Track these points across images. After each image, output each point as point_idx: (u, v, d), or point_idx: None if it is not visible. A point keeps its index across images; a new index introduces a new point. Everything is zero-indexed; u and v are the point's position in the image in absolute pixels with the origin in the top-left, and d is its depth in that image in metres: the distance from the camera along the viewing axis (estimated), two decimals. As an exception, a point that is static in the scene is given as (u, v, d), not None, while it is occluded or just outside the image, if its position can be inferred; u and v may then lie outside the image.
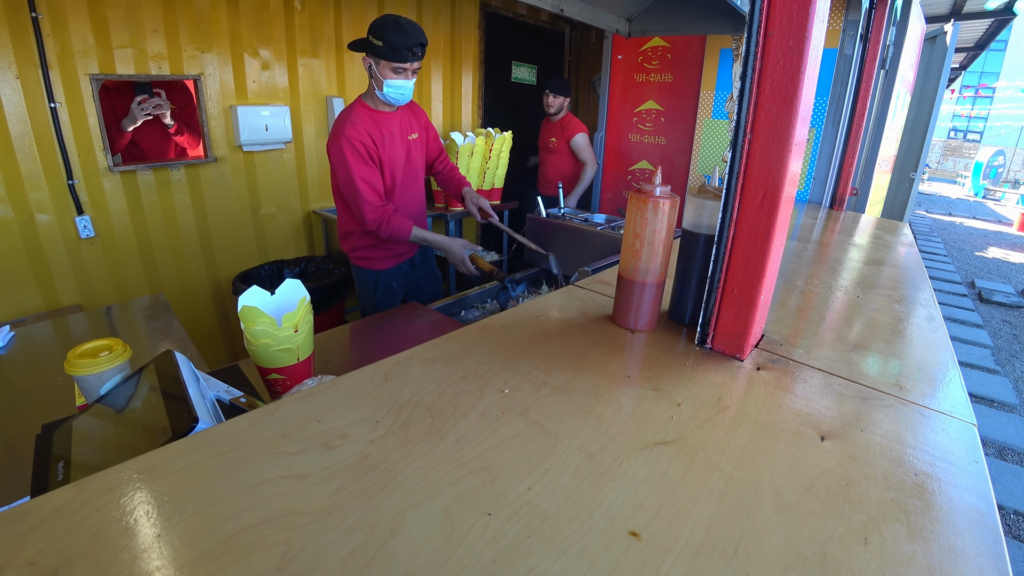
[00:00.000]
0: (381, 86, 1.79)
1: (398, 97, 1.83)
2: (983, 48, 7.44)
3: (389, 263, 2.10)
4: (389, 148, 1.90)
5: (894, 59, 2.85)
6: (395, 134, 1.93)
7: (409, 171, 2.03)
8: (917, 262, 1.67)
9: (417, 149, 2.06)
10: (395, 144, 1.93)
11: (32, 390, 1.32)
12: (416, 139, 2.04)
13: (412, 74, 1.81)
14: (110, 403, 0.86)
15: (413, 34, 1.72)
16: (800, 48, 0.74)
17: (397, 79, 1.78)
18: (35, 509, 0.52)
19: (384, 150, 1.88)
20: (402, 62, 1.74)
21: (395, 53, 1.71)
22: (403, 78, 1.79)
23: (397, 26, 1.70)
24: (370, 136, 1.82)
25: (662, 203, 0.90)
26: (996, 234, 9.33)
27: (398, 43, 1.70)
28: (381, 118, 1.88)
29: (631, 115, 3.81)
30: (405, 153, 1.98)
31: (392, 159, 1.92)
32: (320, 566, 0.46)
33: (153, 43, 2.39)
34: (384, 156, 1.89)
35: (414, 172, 2.07)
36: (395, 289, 2.14)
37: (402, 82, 1.79)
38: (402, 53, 1.72)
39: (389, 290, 2.12)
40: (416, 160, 2.06)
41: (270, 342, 0.99)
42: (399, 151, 1.95)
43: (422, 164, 2.12)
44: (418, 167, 2.09)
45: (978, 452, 0.69)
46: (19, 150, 2.13)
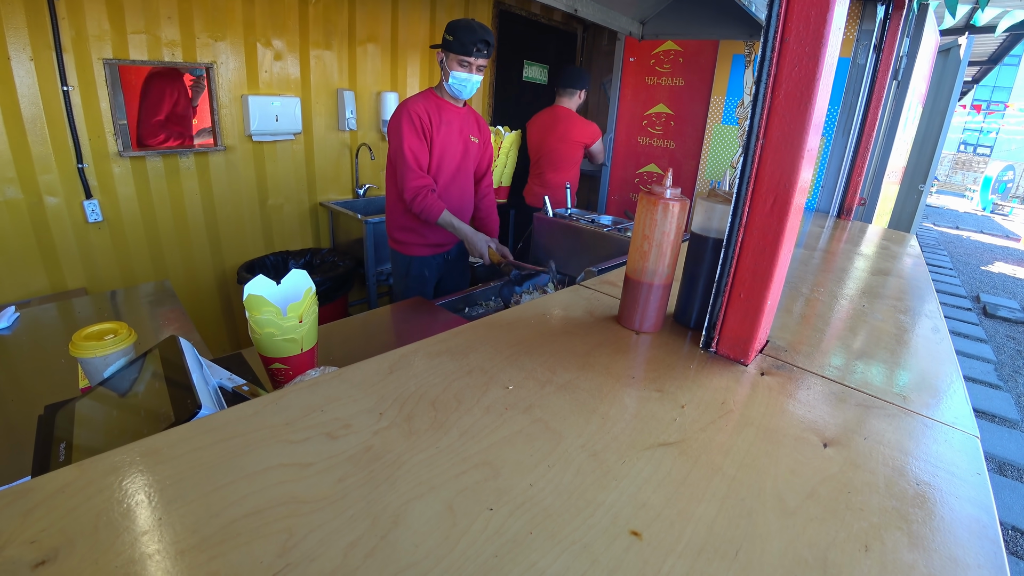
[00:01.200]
0: (447, 77, 1.96)
1: (461, 89, 1.99)
2: (996, 62, 7.40)
3: (423, 251, 2.19)
4: (445, 135, 2.02)
5: (907, 70, 2.84)
6: (454, 126, 2.05)
7: (463, 167, 2.15)
8: (923, 274, 1.67)
9: (474, 152, 2.19)
10: (452, 134, 2.05)
11: (36, 371, 1.33)
12: (475, 143, 2.17)
13: (477, 70, 1.96)
14: (113, 386, 0.86)
15: (480, 32, 1.91)
16: (816, 55, 0.74)
17: (461, 71, 1.95)
18: (38, 488, 0.52)
19: (439, 133, 2.00)
20: (467, 55, 1.91)
21: (462, 47, 1.90)
22: (467, 71, 1.95)
23: (467, 24, 1.91)
24: (428, 115, 1.97)
25: (672, 205, 0.89)
26: (1003, 249, 9.28)
27: (466, 38, 1.89)
28: (445, 106, 2.04)
29: (641, 118, 3.80)
30: (462, 148, 2.11)
31: (445, 146, 2.03)
32: (322, 554, 0.47)
33: (167, 30, 2.40)
34: (437, 139, 2.00)
35: (467, 170, 2.18)
36: (427, 277, 2.23)
37: (466, 75, 1.96)
38: (468, 47, 1.90)
39: (421, 277, 2.22)
40: (470, 160, 2.18)
41: (274, 331, 0.99)
42: (455, 143, 2.07)
43: (476, 165, 2.24)
44: (470, 167, 2.20)
45: (980, 464, 0.69)
46: (30, 132, 2.14)
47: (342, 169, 3.30)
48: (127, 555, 0.45)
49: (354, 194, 3.38)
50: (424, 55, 3.51)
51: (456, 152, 2.09)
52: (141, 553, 0.45)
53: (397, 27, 3.28)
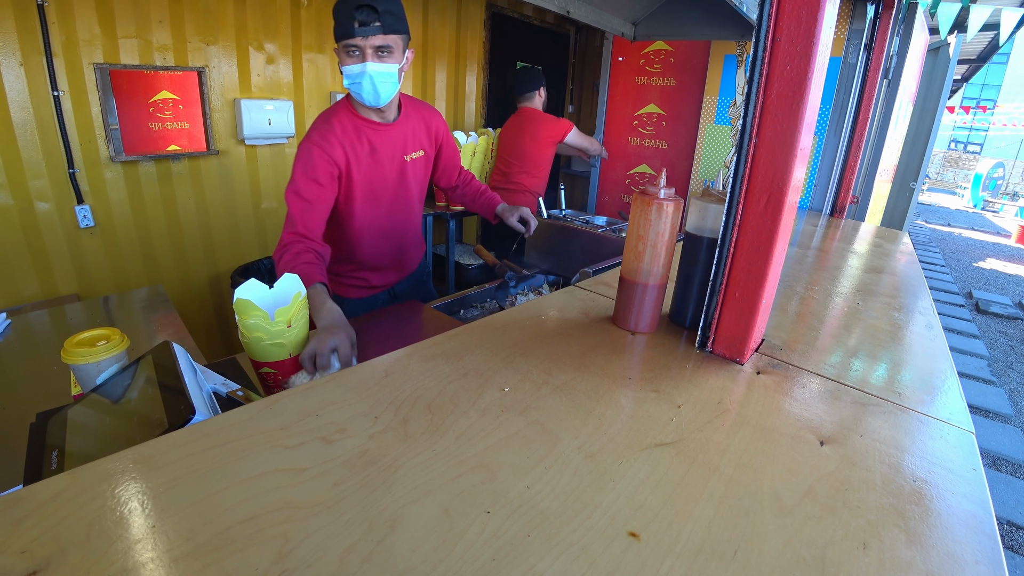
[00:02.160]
0: (343, 79, 1.38)
1: (359, 90, 1.38)
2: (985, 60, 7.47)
3: (357, 292, 1.75)
4: (368, 169, 1.52)
5: (897, 69, 2.86)
6: (382, 151, 1.53)
7: (400, 196, 1.64)
8: (916, 271, 1.68)
9: (417, 171, 1.66)
10: (380, 164, 1.54)
11: (27, 378, 1.32)
12: (418, 159, 1.64)
13: (374, 55, 1.32)
14: (106, 393, 0.85)
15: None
16: (807, 54, 0.75)
17: (351, 63, 1.33)
18: (29, 497, 0.51)
19: (358, 169, 1.50)
20: (348, 37, 1.29)
21: (339, 28, 1.30)
22: (356, 61, 1.32)
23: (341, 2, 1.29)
24: (344, 150, 1.45)
25: (666, 205, 0.89)
26: (994, 246, 9.36)
27: (340, 14, 1.28)
28: (367, 128, 1.49)
29: (631, 118, 3.80)
30: (395, 175, 1.59)
31: (369, 182, 1.54)
32: (318, 560, 0.46)
33: (159, 34, 2.38)
34: (357, 175, 1.50)
35: (407, 199, 1.67)
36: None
37: (357, 67, 1.32)
38: (344, 25, 1.28)
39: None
40: (412, 183, 1.66)
41: (263, 336, 0.99)
42: (386, 172, 1.56)
43: (420, 188, 1.71)
44: (413, 192, 1.68)
45: (976, 460, 0.69)
46: (21, 137, 2.12)
47: (336, 172, 3.28)
48: (120, 564, 0.45)
49: (348, 197, 3.37)
50: (417, 57, 3.51)
51: (387, 183, 1.58)
52: (135, 561, 0.45)
53: (390, 30, 3.27)
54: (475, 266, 3.51)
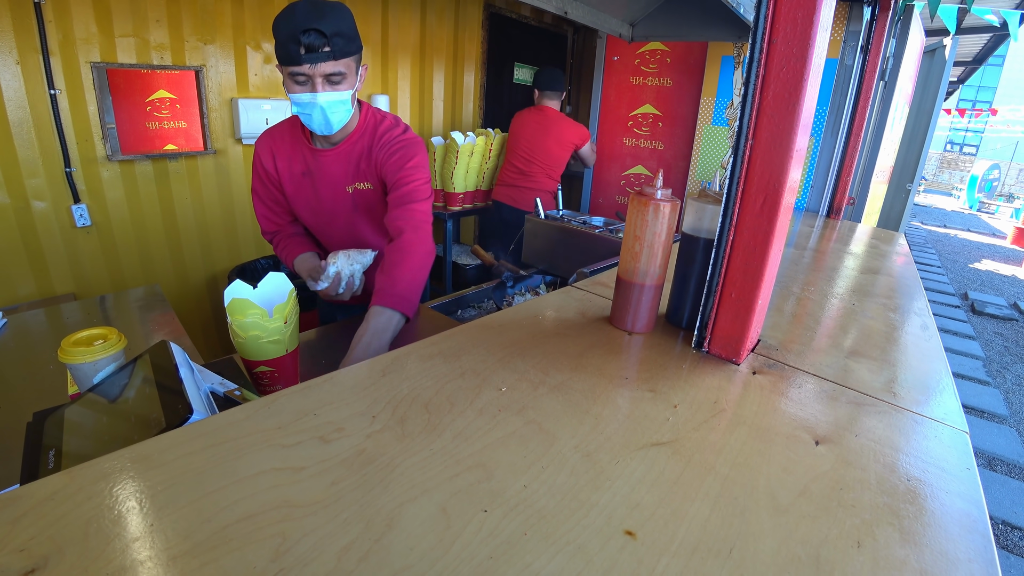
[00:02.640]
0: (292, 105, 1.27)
1: (306, 120, 1.27)
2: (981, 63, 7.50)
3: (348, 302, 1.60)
4: (306, 190, 1.42)
5: (893, 71, 2.87)
6: (320, 177, 1.41)
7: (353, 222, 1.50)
8: (912, 272, 1.69)
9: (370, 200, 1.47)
10: (317, 189, 1.43)
11: (24, 378, 1.31)
12: (368, 191, 1.45)
13: (325, 84, 1.21)
14: (103, 392, 0.85)
15: (302, 17, 1.12)
16: (804, 56, 0.75)
17: (299, 92, 1.21)
18: (26, 495, 0.51)
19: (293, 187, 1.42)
20: (293, 64, 1.17)
21: (282, 50, 1.17)
22: (306, 90, 1.21)
23: (286, 10, 1.15)
24: (273, 160, 1.39)
25: (663, 206, 0.90)
26: (990, 247, 9.40)
27: (282, 35, 1.16)
28: (306, 150, 1.39)
29: (626, 119, 3.77)
30: (340, 203, 1.45)
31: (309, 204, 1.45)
32: (315, 558, 0.46)
33: (156, 33, 2.38)
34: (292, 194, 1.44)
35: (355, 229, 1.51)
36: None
37: (306, 97, 1.21)
38: (289, 49, 1.15)
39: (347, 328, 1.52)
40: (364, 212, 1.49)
41: (260, 334, 0.99)
42: (325, 199, 1.44)
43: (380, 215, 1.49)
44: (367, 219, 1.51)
45: (970, 459, 0.69)
46: (17, 136, 2.12)
47: (333, 172, 3.28)
48: (118, 562, 0.45)
49: (346, 197, 3.37)
50: (415, 58, 3.51)
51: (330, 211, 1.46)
52: (132, 560, 0.45)
53: (387, 30, 3.28)
54: (472, 266, 3.51)
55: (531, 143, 3.19)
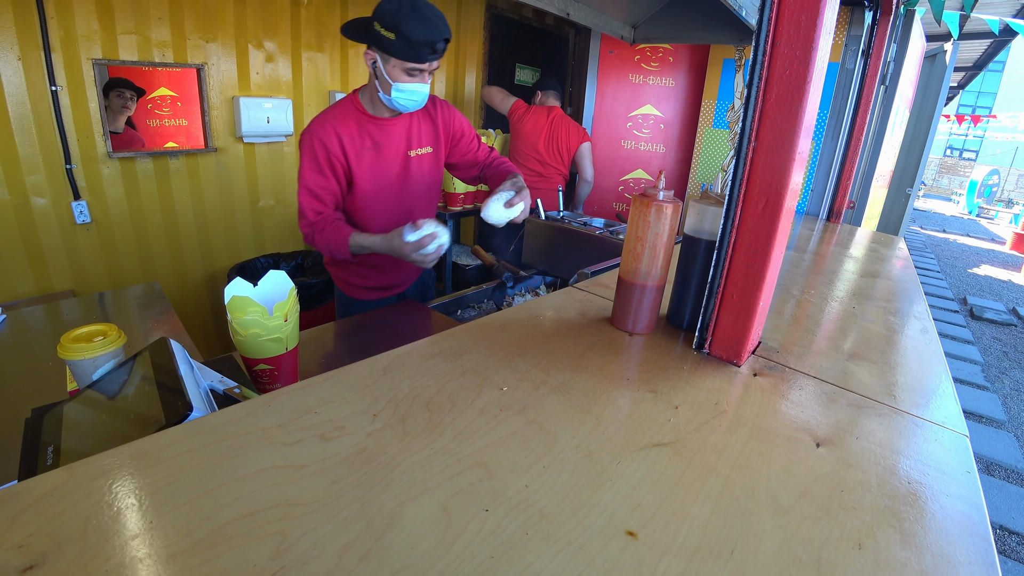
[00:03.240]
0: (388, 89, 1.41)
1: (409, 104, 1.45)
2: (981, 68, 7.53)
3: (370, 295, 1.75)
4: (370, 163, 1.52)
5: (894, 75, 2.88)
6: (386, 147, 1.54)
7: (405, 193, 1.63)
8: (912, 276, 1.69)
9: (424, 167, 1.64)
10: (383, 159, 1.54)
11: (22, 374, 1.31)
12: (425, 155, 1.63)
13: (429, 75, 1.42)
14: (102, 389, 0.85)
15: (437, 25, 1.31)
16: (807, 59, 0.75)
17: (411, 83, 1.38)
18: (25, 492, 0.51)
19: (360, 163, 1.50)
20: (419, 62, 1.35)
21: (412, 50, 1.32)
22: (418, 81, 1.39)
23: (416, 14, 1.28)
24: (340, 142, 1.46)
25: (665, 207, 0.90)
26: (989, 252, 9.42)
27: (417, 36, 1.30)
28: (371, 124, 1.51)
29: (624, 119, 3.60)
30: (400, 170, 1.59)
31: (373, 175, 1.54)
32: (316, 557, 0.46)
33: (158, 30, 2.38)
34: (359, 170, 1.51)
35: (412, 194, 1.65)
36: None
37: (416, 86, 1.40)
38: (421, 51, 1.32)
39: None
40: (418, 179, 1.64)
41: (260, 332, 0.99)
42: (389, 167, 1.57)
43: (428, 186, 1.69)
44: (419, 188, 1.66)
45: (970, 463, 0.69)
46: (18, 132, 2.11)
47: (334, 171, 3.28)
48: (117, 559, 0.44)
49: (346, 196, 3.36)
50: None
51: (391, 178, 1.58)
52: (131, 557, 0.45)
53: (389, 29, 3.28)
54: (472, 266, 3.51)
55: (548, 144, 3.25)
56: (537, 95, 3.31)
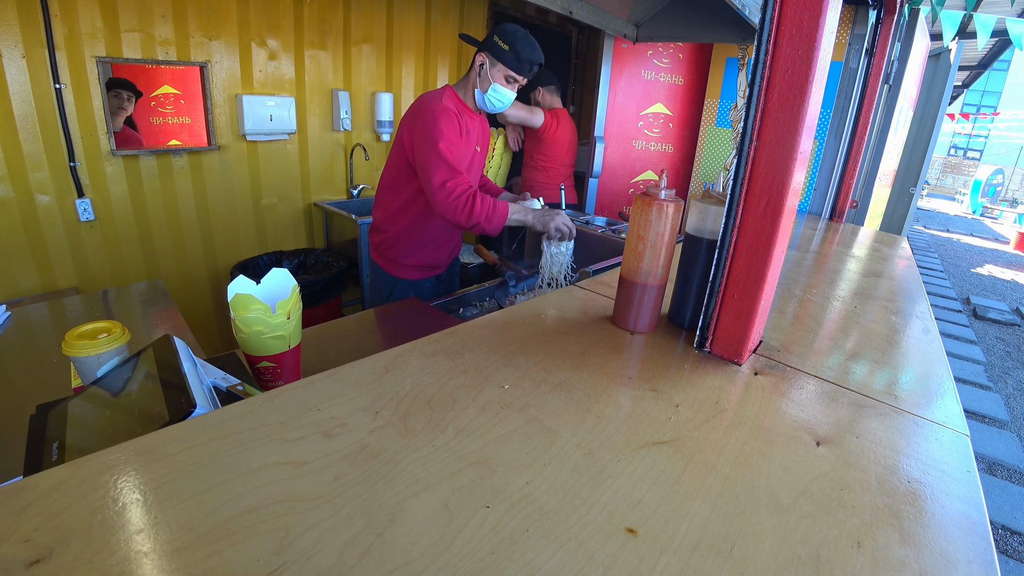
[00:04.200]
0: (486, 88, 1.76)
1: (498, 104, 1.81)
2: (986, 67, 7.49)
3: (414, 273, 1.97)
4: (460, 146, 1.79)
5: (898, 74, 2.87)
6: (468, 136, 1.84)
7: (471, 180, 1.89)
8: (914, 276, 1.68)
9: (478, 163, 1.98)
10: (466, 144, 1.83)
11: (26, 371, 1.32)
12: (481, 154, 1.98)
13: (515, 88, 1.80)
14: (106, 386, 0.85)
15: (540, 52, 1.73)
16: (809, 58, 0.75)
17: (506, 88, 1.77)
18: (31, 486, 0.51)
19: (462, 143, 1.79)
20: (520, 74, 1.73)
21: (518, 63, 1.70)
22: (511, 88, 1.78)
23: (528, 40, 1.70)
24: (457, 117, 1.74)
25: (666, 206, 0.90)
26: (992, 252, 9.38)
27: (524, 55, 1.69)
28: (465, 112, 1.83)
29: (636, 118, 3.51)
30: (470, 161, 1.89)
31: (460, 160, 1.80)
32: (318, 552, 0.47)
33: (161, 28, 2.38)
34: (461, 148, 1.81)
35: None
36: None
37: (508, 92, 1.78)
38: (524, 66, 1.72)
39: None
40: (475, 173, 1.97)
41: (263, 329, 0.99)
42: (466, 155, 1.85)
43: (477, 178, 2.03)
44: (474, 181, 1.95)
45: (970, 462, 0.70)
46: (22, 130, 2.12)
47: (336, 169, 3.29)
48: (122, 553, 0.45)
49: (348, 194, 3.37)
50: (419, 56, 3.51)
51: (465, 164, 1.84)
52: (136, 551, 0.45)
53: (392, 27, 3.28)
54: (474, 265, 3.51)
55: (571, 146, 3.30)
56: (539, 92, 3.23)
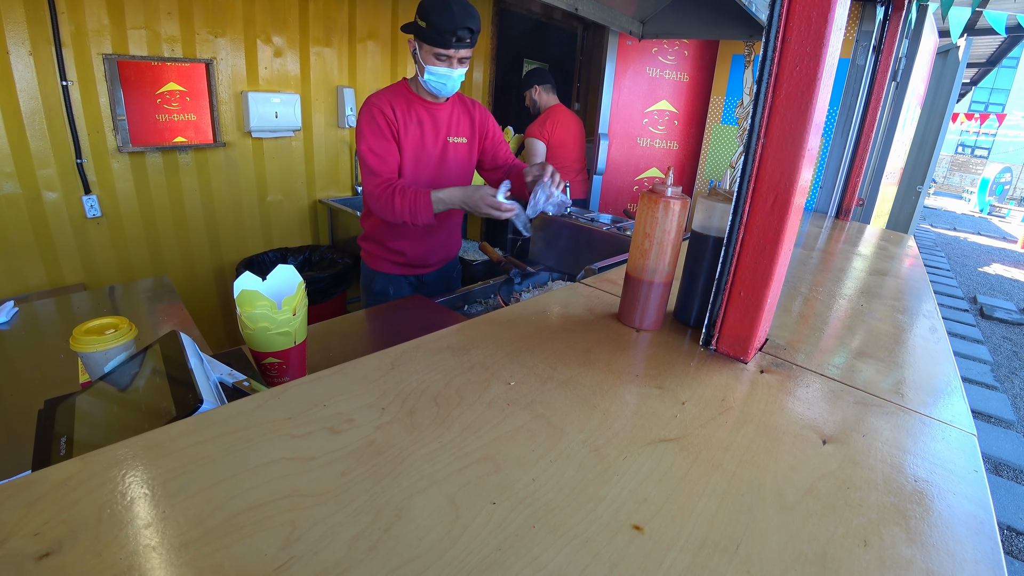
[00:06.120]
0: (422, 72, 1.64)
1: (439, 87, 1.66)
2: (995, 64, 7.43)
3: (390, 268, 1.89)
4: (415, 138, 1.69)
5: (906, 72, 2.85)
6: (428, 126, 1.72)
7: (441, 175, 1.79)
8: (921, 274, 1.68)
9: (459, 155, 1.82)
10: (425, 137, 1.71)
11: (34, 366, 1.33)
12: (462, 144, 1.81)
13: (459, 63, 1.62)
14: (114, 381, 0.86)
15: (460, 16, 1.52)
16: (817, 55, 0.75)
17: (439, 67, 1.60)
18: (40, 481, 0.52)
19: (407, 135, 1.67)
20: (444, 47, 1.56)
21: (437, 36, 1.54)
22: (446, 66, 1.61)
23: (443, 6, 1.51)
24: (392, 109, 1.64)
25: (673, 203, 0.90)
26: (1000, 251, 9.32)
27: (441, 25, 1.52)
28: (417, 102, 1.70)
29: (641, 115, 3.51)
30: (439, 152, 1.76)
31: (417, 152, 1.71)
32: (325, 547, 0.47)
33: (167, 25, 2.39)
34: (406, 142, 1.67)
35: (447, 178, 1.80)
36: (391, 296, 1.92)
37: (445, 71, 1.61)
38: (444, 37, 1.53)
39: (385, 295, 1.92)
40: (453, 165, 1.81)
41: (269, 325, 0.99)
42: (430, 146, 1.73)
43: (462, 171, 1.85)
44: (453, 173, 1.82)
45: (977, 461, 0.69)
46: (29, 127, 2.13)
47: (341, 166, 3.29)
48: (130, 547, 0.45)
49: (353, 191, 3.38)
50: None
51: (430, 159, 1.75)
52: (144, 545, 0.46)
53: (397, 23, 3.28)
54: (479, 262, 3.51)
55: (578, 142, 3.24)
56: (535, 91, 3.16)
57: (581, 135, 3.29)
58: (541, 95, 3.18)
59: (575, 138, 3.24)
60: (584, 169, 3.36)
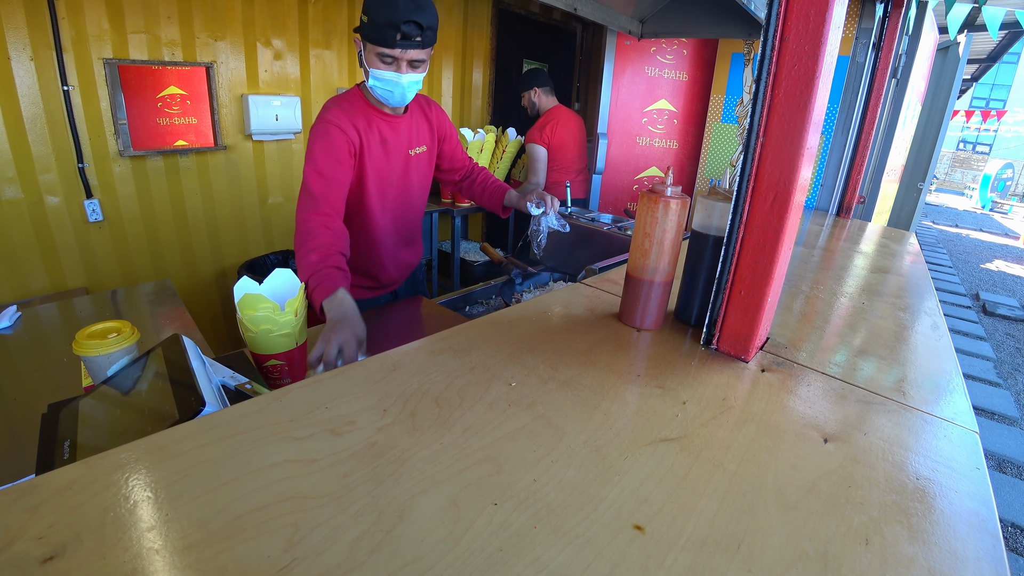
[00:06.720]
0: (367, 76, 1.37)
1: (386, 95, 1.40)
2: (995, 60, 7.41)
3: (359, 294, 1.59)
4: (378, 159, 1.49)
5: (906, 68, 2.85)
6: (392, 143, 1.51)
7: (403, 191, 1.62)
8: (923, 272, 1.67)
9: (421, 166, 1.64)
10: (389, 155, 1.52)
11: (37, 370, 1.33)
12: (421, 154, 1.62)
13: (409, 67, 1.34)
14: (117, 385, 0.86)
15: (405, 8, 1.24)
16: (815, 54, 0.75)
17: (385, 70, 1.33)
18: (44, 484, 0.52)
19: (369, 157, 1.46)
20: (387, 46, 1.28)
21: (377, 33, 1.27)
22: (392, 70, 1.33)
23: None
24: (355, 129, 1.40)
25: (673, 203, 0.90)
26: (1002, 247, 9.29)
27: (382, 19, 1.25)
28: (378, 118, 1.47)
29: (640, 115, 3.53)
30: (402, 168, 1.57)
31: (379, 172, 1.51)
32: (328, 548, 0.47)
33: (167, 29, 2.40)
34: (369, 165, 1.46)
35: (408, 194, 1.64)
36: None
37: (391, 75, 1.33)
38: (386, 33, 1.26)
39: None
40: (415, 178, 1.63)
41: (271, 327, 1.00)
42: (394, 164, 1.54)
43: (421, 184, 1.68)
44: (415, 187, 1.65)
45: (979, 459, 0.69)
46: (31, 132, 2.14)
47: (342, 168, 3.29)
48: (134, 550, 0.45)
49: (354, 193, 3.37)
50: (423, 54, 3.50)
51: (394, 175, 1.55)
52: (148, 548, 0.46)
53: (396, 26, 3.28)
54: (480, 263, 3.51)
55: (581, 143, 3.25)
56: (534, 92, 3.15)
57: (582, 134, 3.28)
58: (540, 97, 3.17)
59: (575, 138, 3.24)
60: (585, 169, 3.36)
